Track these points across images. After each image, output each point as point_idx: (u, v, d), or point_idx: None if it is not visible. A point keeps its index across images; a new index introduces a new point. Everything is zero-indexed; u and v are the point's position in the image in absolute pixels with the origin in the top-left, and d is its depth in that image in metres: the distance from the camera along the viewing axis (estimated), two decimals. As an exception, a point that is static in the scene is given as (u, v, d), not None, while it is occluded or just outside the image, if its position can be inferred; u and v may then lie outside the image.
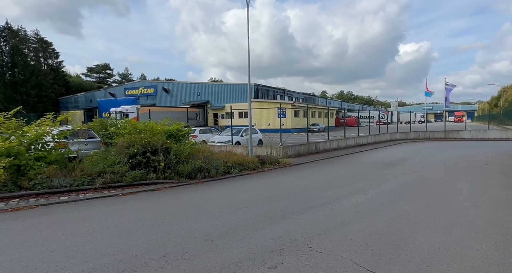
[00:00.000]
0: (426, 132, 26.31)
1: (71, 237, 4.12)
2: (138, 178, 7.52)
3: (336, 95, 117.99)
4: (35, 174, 6.71)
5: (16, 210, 5.47)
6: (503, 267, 3.10)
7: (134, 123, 11.09)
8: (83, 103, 48.93)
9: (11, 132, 6.83)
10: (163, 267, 3.20)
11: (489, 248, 3.57)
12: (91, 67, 71.73)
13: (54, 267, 3.20)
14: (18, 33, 49.32)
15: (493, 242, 3.75)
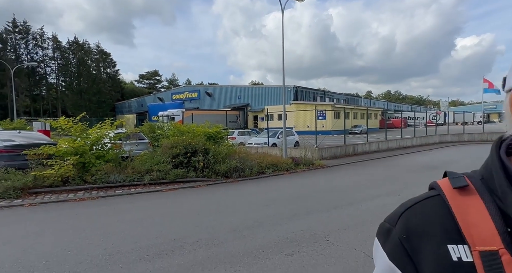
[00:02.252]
0: (483, 134, 24.01)
1: (124, 224, 4.91)
2: (180, 176, 8.33)
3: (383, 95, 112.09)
4: (96, 171, 7.84)
5: (82, 200, 6.54)
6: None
7: (177, 126, 12.14)
8: (135, 108, 53.39)
9: (78, 134, 8.08)
10: (195, 250, 3.76)
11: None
12: (143, 74, 77.93)
13: (111, 245, 3.94)
14: (83, 46, 55.69)
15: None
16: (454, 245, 0.41)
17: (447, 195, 0.45)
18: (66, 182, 7.37)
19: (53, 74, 53.89)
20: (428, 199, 0.47)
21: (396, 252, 0.46)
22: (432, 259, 0.41)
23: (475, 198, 0.43)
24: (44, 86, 53.15)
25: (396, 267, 0.45)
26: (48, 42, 52.34)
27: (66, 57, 54.09)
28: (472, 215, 0.41)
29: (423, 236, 0.43)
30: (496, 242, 0.38)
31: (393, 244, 0.46)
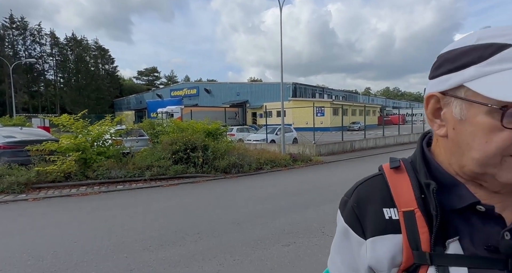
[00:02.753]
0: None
1: (126, 217, 5.08)
2: (180, 172, 8.50)
3: (381, 92, 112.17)
4: (97, 166, 7.99)
5: (84, 195, 6.70)
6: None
7: (177, 122, 12.28)
8: (134, 104, 53.38)
9: (79, 131, 8.22)
10: (196, 241, 3.93)
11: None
12: (141, 70, 77.76)
13: (116, 236, 4.11)
14: (82, 43, 55.47)
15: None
16: (387, 208, 0.56)
17: (386, 174, 0.61)
18: (69, 178, 7.53)
19: (51, 70, 53.79)
20: (374, 177, 0.63)
21: (349, 216, 0.61)
22: (372, 218, 0.57)
23: (404, 175, 0.58)
24: (42, 83, 53.05)
25: (349, 227, 0.60)
26: (46, 38, 52.17)
27: (64, 53, 53.91)
28: (400, 187, 0.57)
29: (368, 203, 0.59)
30: (413, 204, 0.53)
31: (348, 211, 0.62)
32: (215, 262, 3.32)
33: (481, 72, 0.46)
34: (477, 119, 0.47)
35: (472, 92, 0.47)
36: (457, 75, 0.49)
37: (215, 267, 3.20)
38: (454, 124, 0.51)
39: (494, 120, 0.45)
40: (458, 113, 0.50)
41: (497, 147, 0.46)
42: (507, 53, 0.45)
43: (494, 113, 0.45)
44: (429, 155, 0.58)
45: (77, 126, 8.31)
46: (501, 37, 0.46)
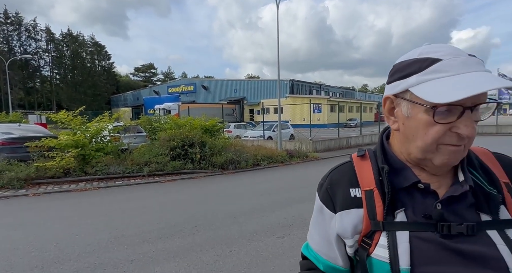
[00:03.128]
0: (473, 127, 24.57)
1: (126, 211, 5.20)
2: (178, 168, 8.62)
3: (378, 89, 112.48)
4: (96, 163, 8.09)
5: (84, 191, 6.81)
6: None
7: (175, 119, 12.37)
8: (131, 101, 53.18)
9: (77, 127, 8.29)
10: (194, 234, 4.07)
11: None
12: (138, 67, 77.32)
13: (116, 230, 4.24)
14: (77, 38, 55.00)
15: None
16: (353, 188, 0.69)
17: (354, 161, 0.74)
18: (68, 174, 7.63)
19: (47, 66, 53.34)
20: (345, 164, 0.76)
21: (324, 196, 0.74)
22: (341, 197, 0.70)
23: (367, 162, 0.72)
24: (38, 79, 52.62)
25: (324, 205, 0.74)
26: (41, 34, 51.63)
27: (60, 49, 53.46)
28: (364, 171, 0.70)
29: (338, 185, 0.72)
30: (373, 185, 0.67)
31: (323, 192, 0.75)
32: (213, 253, 3.46)
33: (419, 80, 0.60)
34: (419, 116, 0.61)
35: (414, 95, 0.60)
36: (404, 82, 0.62)
37: (212, 258, 3.34)
38: (403, 120, 0.64)
39: (429, 117, 0.59)
40: (405, 112, 0.63)
41: (433, 137, 0.59)
42: (437, 66, 0.58)
43: (429, 111, 0.58)
44: (386, 145, 0.72)
45: (76, 123, 8.38)
46: (434, 53, 0.59)
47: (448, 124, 0.58)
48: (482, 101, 0.58)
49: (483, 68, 0.58)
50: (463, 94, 0.53)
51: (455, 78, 0.56)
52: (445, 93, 0.55)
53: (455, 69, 0.57)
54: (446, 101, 0.54)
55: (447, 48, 0.60)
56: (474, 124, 0.58)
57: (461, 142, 0.59)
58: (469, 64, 0.57)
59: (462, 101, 0.55)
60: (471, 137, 0.58)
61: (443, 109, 0.57)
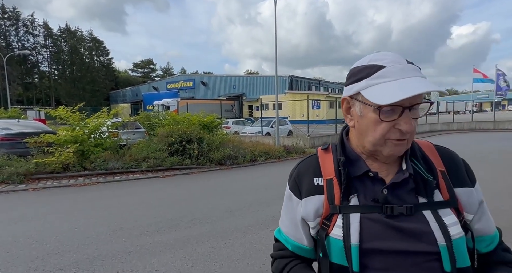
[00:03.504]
0: (472, 123, 24.70)
1: (124, 206, 5.31)
2: (176, 163, 8.72)
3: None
4: (95, 158, 8.18)
5: (83, 186, 6.91)
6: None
7: (173, 115, 12.43)
8: (130, 97, 53.10)
9: (76, 123, 8.37)
10: (190, 227, 4.18)
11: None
12: (137, 62, 77.06)
13: (114, 223, 4.35)
14: (76, 34, 54.72)
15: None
16: (317, 177, 0.79)
17: (319, 154, 0.83)
18: (67, 169, 7.72)
19: (45, 62, 53.15)
20: (311, 156, 0.86)
21: (292, 185, 0.84)
22: (306, 185, 0.79)
23: (329, 154, 0.81)
24: (36, 75, 52.44)
25: (292, 193, 0.83)
26: (39, 29, 51.38)
27: (58, 44, 53.22)
28: (326, 162, 0.80)
29: (304, 175, 0.81)
30: (332, 174, 0.76)
31: (292, 181, 0.85)
32: (208, 245, 3.58)
33: (368, 84, 0.69)
34: (369, 115, 0.70)
35: (364, 97, 0.70)
36: (356, 85, 0.72)
37: (207, 249, 3.45)
38: (357, 118, 0.74)
39: (376, 116, 0.68)
40: (358, 111, 0.73)
41: (380, 133, 0.69)
42: (382, 72, 0.68)
43: (376, 111, 0.68)
44: (345, 140, 0.81)
45: (74, 119, 8.45)
46: (380, 60, 0.69)
47: (392, 121, 0.68)
48: (418, 102, 0.67)
49: (418, 74, 0.68)
50: (399, 97, 0.62)
51: (394, 83, 0.66)
52: (386, 95, 0.64)
53: (395, 75, 0.66)
54: (386, 102, 0.64)
55: (390, 56, 0.70)
56: (413, 121, 0.68)
57: (403, 136, 0.69)
58: (407, 70, 0.67)
59: (401, 102, 0.65)
60: (410, 132, 0.68)
61: (387, 109, 0.67)
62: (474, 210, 0.74)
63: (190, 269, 3.03)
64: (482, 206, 0.77)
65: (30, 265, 3.10)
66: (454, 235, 0.67)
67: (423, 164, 0.75)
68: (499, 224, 3.01)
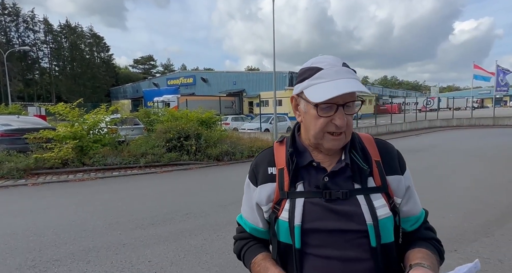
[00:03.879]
0: (471, 119, 24.70)
1: (122, 200, 5.42)
2: (174, 159, 8.82)
3: (379, 81, 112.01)
4: (93, 154, 8.28)
5: (82, 181, 7.02)
6: (457, 230, 3.64)
7: (171, 111, 12.51)
8: (130, 93, 53.08)
9: (75, 119, 8.46)
10: (185, 220, 4.28)
11: (455, 218, 4.08)
12: (137, 59, 76.93)
13: (110, 217, 4.46)
14: (76, 30, 54.60)
15: (462, 213, 4.24)
16: (271, 167, 0.87)
17: (274, 146, 0.92)
18: (66, 164, 7.83)
19: (45, 58, 53.06)
20: (268, 149, 0.94)
21: (251, 174, 0.92)
22: (262, 174, 0.88)
23: (283, 146, 0.89)
24: (37, 71, 52.45)
25: (250, 181, 0.92)
26: (40, 25, 51.23)
27: (58, 41, 53.12)
28: (279, 154, 0.88)
29: (260, 165, 0.90)
30: (284, 164, 0.85)
31: (250, 171, 0.93)
32: (201, 237, 3.68)
33: (309, 84, 0.77)
34: (310, 112, 0.78)
35: (306, 96, 0.77)
36: (301, 85, 0.80)
37: (200, 242, 3.55)
38: (303, 114, 0.82)
39: (316, 112, 0.76)
40: (303, 108, 0.81)
41: (319, 127, 0.77)
42: (319, 73, 0.76)
43: (315, 108, 0.76)
44: (296, 134, 0.90)
45: (73, 115, 8.54)
46: (320, 63, 0.77)
47: (329, 117, 0.76)
48: (350, 100, 0.75)
49: (351, 76, 0.76)
50: (330, 95, 0.71)
51: (329, 83, 0.74)
52: (321, 94, 0.73)
53: (330, 76, 0.75)
54: (320, 100, 0.73)
55: (329, 59, 0.78)
56: (346, 117, 0.76)
57: (339, 130, 0.77)
58: (340, 72, 0.75)
59: (335, 100, 0.73)
60: (344, 126, 0.76)
61: (324, 106, 0.75)
62: (402, 194, 0.84)
63: (182, 260, 3.13)
64: (409, 190, 0.86)
65: (28, 256, 3.21)
66: (380, 216, 0.76)
67: (361, 155, 0.83)
68: (487, 217, 3.15)
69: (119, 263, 3.06)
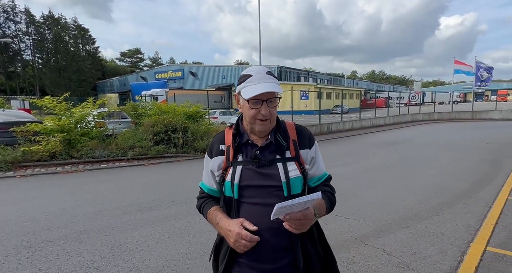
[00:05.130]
0: (452, 113, 25.63)
1: (110, 190, 5.67)
2: (161, 152, 9.05)
3: (367, 75, 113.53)
4: (81, 147, 8.44)
5: (70, 173, 7.21)
6: (413, 211, 4.09)
7: (159, 105, 12.66)
8: (117, 87, 52.32)
9: (62, 113, 8.57)
10: (170, 207, 4.60)
11: (415, 201, 4.55)
12: (124, 52, 75.52)
13: (100, 204, 4.72)
14: (59, 21, 53.07)
15: (422, 197, 4.71)
16: (222, 145, 1.20)
17: (226, 130, 1.25)
18: (54, 157, 7.97)
19: (28, 50, 51.52)
20: (222, 132, 1.27)
21: (208, 150, 1.25)
22: (215, 149, 1.21)
23: (231, 130, 1.22)
24: (19, 63, 50.93)
25: (207, 155, 1.25)
26: (21, 16, 49.57)
27: (41, 32, 51.57)
28: (228, 135, 1.21)
29: (215, 143, 1.23)
30: (230, 142, 1.18)
31: (208, 148, 1.26)
32: (185, 221, 4.01)
33: (243, 86, 1.12)
34: (245, 105, 1.12)
35: (241, 94, 1.10)
36: (240, 87, 1.14)
37: (183, 224, 3.88)
38: (242, 107, 1.16)
39: (248, 105, 1.09)
40: (241, 102, 1.15)
41: (251, 116, 1.11)
42: (250, 79, 1.11)
43: (247, 102, 1.09)
44: (240, 121, 1.23)
45: (60, 108, 8.64)
46: (251, 71, 1.11)
47: (257, 109, 1.10)
48: (271, 97, 1.09)
49: (271, 81, 1.11)
50: (253, 94, 1.05)
51: (254, 86, 1.08)
52: (249, 93, 1.07)
53: (256, 81, 1.10)
54: (248, 97, 1.06)
55: (257, 69, 1.13)
56: (269, 108, 1.10)
57: (264, 118, 1.11)
58: (263, 78, 1.10)
59: (259, 97, 1.07)
60: (267, 115, 1.10)
61: (253, 101, 1.09)
62: (309, 162, 1.19)
63: (167, 239, 3.46)
64: (314, 160, 1.21)
65: (23, 238, 3.47)
66: (291, 176, 1.12)
67: (282, 136, 1.18)
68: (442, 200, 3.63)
69: (109, 243, 3.36)
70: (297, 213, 0.96)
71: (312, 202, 0.97)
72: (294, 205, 0.93)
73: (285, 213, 0.95)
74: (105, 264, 2.91)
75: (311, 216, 1.01)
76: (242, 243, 1.06)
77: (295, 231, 1.01)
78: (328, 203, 1.16)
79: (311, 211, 1.01)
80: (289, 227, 0.99)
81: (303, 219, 0.98)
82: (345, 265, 2.76)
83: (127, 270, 2.80)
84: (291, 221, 0.98)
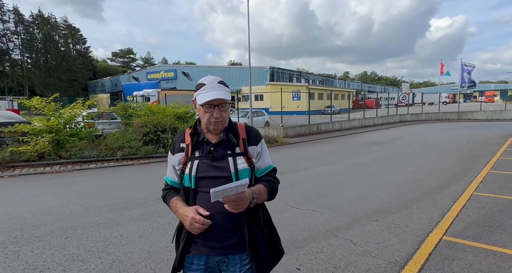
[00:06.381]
0: (439, 114, 26.26)
1: (98, 189, 5.80)
2: (150, 152, 9.18)
3: (359, 76, 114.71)
4: (70, 147, 8.52)
5: (58, 173, 7.29)
6: (385, 205, 4.35)
7: (149, 106, 12.77)
8: (109, 87, 51.90)
9: (51, 113, 8.63)
10: (156, 204, 4.76)
11: (388, 197, 4.81)
12: (116, 52, 74.87)
13: (87, 203, 4.86)
14: (49, 20, 52.40)
15: (396, 193, 4.98)
16: (182, 143, 1.40)
17: (186, 130, 1.45)
18: (42, 158, 8.04)
19: (16, 49, 50.71)
20: (183, 132, 1.47)
21: (171, 148, 1.45)
22: (177, 147, 1.41)
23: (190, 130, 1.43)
24: (7, 62, 50.11)
25: (170, 152, 1.45)
26: (9, 15, 48.77)
27: (30, 31, 50.85)
28: (187, 135, 1.41)
29: (177, 142, 1.43)
30: (189, 141, 1.38)
31: (171, 146, 1.46)
32: (169, 217, 4.18)
33: (198, 93, 1.32)
34: (201, 110, 1.33)
35: (197, 100, 1.31)
36: (196, 94, 1.34)
37: (167, 220, 4.06)
38: (198, 111, 1.36)
39: (202, 109, 1.30)
40: (198, 107, 1.35)
41: (206, 118, 1.32)
42: (203, 87, 1.32)
43: (202, 107, 1.30)
44: (197, 123, 1.43)
45: (49, 109, 8.70)
46: (205, 81, 1.33)
47: (210, 112, 1.31)
48: (221, 102, 1.30)
49: (221, 89, 1.32)
50: (204, 100, 1.26)
51: (207, 93, 1.29)
52: (202, 99, 1.27)
53: (208, 89, 1.31)
54: (201, 103, 1.27)
55: (210, 78, 1.35)
56: (221, 112, 1.31)
57: (217, 120, 1.31)
58: (215, 87, 1.31)
59: (211, 102, 1.28)
60: (218, 117, 1.31)
61: (207, 106, 1.29)
62: (255, 156, 1.41)
63: (150, 234, 3.63)
64: (260, 154, 1.42)
65: (10, 234, 3.61)
66: (240, 168, 1.33)
67: (234, 134, 1.39)
68: (413, 195, 3.96)
69: (94, 238, 3.52)
70: (232, 196, 1.17)
71: (243, 186, 1.17)
72: (226, 190, 1.13)
73: (221, 196, 1.16)
74: (89, 257, 3.07)
75: (245, 199, 1.21)
76: (196, 226, 1.26)
77: (233, 211, 1.22)
78: (269, 190, 1.37)
79: (246, 194, 1.22)
80: (228, 207, 1.20)
81: (237, 200, 1.18)
82: (313, 254, 2.98)
83: (110, 262, 2.97)
84: (228, 203, 1.18)
